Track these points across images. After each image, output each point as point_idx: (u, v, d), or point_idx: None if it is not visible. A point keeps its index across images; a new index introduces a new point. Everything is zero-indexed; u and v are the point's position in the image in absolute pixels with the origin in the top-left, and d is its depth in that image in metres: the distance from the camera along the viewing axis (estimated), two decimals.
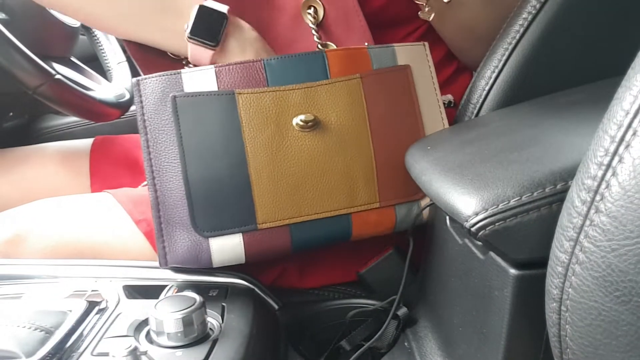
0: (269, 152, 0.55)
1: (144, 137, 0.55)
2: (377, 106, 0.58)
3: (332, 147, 0.56)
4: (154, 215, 0.55)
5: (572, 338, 0.31)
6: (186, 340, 0.45)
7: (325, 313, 0.63)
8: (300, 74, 0.56)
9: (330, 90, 0.57)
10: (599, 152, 0.29)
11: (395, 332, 0.57)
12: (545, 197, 0.37)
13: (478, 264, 0.43)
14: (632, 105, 0.27)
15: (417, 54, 0.62)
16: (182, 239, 0.54)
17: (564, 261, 0.31)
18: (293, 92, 0.56)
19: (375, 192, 0.58)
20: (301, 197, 0.55)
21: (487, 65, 0.60)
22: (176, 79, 0.55)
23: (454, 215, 0.40)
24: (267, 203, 0.54)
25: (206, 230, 0.54)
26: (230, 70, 0.55)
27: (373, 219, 0.58)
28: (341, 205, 0.56)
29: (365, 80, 0.58)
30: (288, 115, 0.55)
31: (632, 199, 0.27)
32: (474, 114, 0.61)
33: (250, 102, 0.55)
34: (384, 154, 0.58)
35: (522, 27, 0.58)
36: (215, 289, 0.55)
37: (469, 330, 0.46)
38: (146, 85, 0.55)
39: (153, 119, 0.55)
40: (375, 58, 0.59)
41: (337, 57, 0.58)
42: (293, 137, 0.55)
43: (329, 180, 0.56)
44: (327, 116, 0.56)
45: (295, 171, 0.55)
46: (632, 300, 0.28)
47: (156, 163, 0.54)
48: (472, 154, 0.46)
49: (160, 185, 0.54)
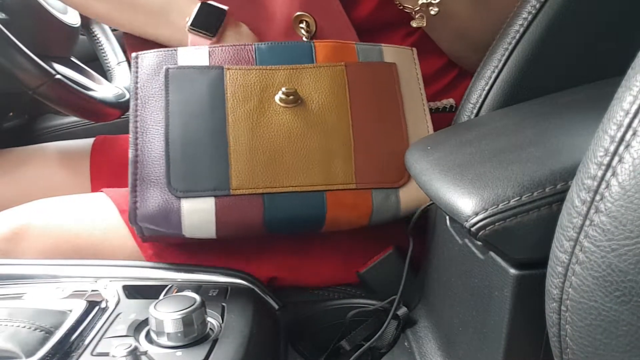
0: (249, 123, 0.57)
1: (133, 101, 0.58)
2: (359, 94, 0.59)
3: (311, 125, 0.58)
4: (130, 172, 0.56)
5: (572, 338, 0.31)
6: (186, 341, 0.45)
7: (325, 313, 0.62)
8: (288, 57, 0.59)
9: (314, 73, 0.59)
10: (598, 152, 0.29)
11: (395, 332, 0.57)
12: (545, 197, 0.37)
13: (478, 264, 0.43)
14: (632, 105, 0.27)
15: (404, 56, 0.63)
16: (154, 196, 0.55)
17: (564, 261, 0.31)
18: (278, 72, 0.59)
19: (352, 173, 0.58)
20: (277, 168, 0.56)
21: (486, 65, 0.60)
22: (172, 54, 0.59)
23: (454, 215, 0.40)
24: (243, 170, 0.56)
25: (179, 189, 0.55)
26: (223, 50, 0.59)
27: (349, 200, 0.57)
28: (316, 182, 0.57)
29: (350, 68, 0.60)
30: (271, 91, 0.58)
31: (632, 199, 0.27)
32: (473, 114, 0.61)
33: (236, 77, 0.58)
34: (363, 139, 0.58)
35: (522, 27, 0.58)
36: (215, 289, 0.55)
37: (469, 330, 0.46)
38: (143, 59, 0.59)
39: (145, 86, 0.58)
40: (361, 53, 0.61)
41: (324, 47, 0.60)
42: (274, 112, 0.57)
43: (306, 156, 0.57)
44: (309, 95, 0.58)
45: (273, 143, 0.56)
46: (632, 300, 0.28)
47: (141, 125, 0.57)
48: (471, 154, 0.46)
49: (141, 145, 0.57)
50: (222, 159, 0.55)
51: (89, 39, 1.03)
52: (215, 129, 0.56)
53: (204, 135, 0.56)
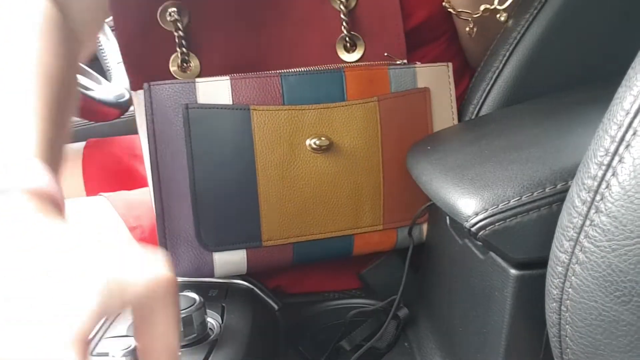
0: (279, 171, 0.54)
1: (152, 146, 0.52)
2: (391, 129, 0.57)
3: (342, 170, 0.56)
4: (158, 227, 0.53)
5: (572, 338, 0.31)
6: (186, 341, 0.45)
7: (325, 313, 0.62)
8: (317, 92, 0.55)
9: (346, 112, 0.55)
10: (599, 152, 0.29)
11: (396, 332, 0.57)
12: (545, 197, 0.37)
13: (478, 264, 0.43)
14: (633, 105, 0.27)
15: (438, 74, 0.60)
16: (186, 252, 0.54)
17: (564, 261, 0.31)
18: (308, 112, 0.54)
19: (380, 215, 0.58)
20: (307, 217, 0.55)
21: (487, 66, 0.60)
22: (190, 87, 0.52)
23: (454, 215, 0.40)
24: (273, 221, 0.54)
25: (211, 245, 0.54)
26: (246, 83, 0.53)
27: (375, 239, 0.59)
28: (345, 227, 0.57)
29: (382, 103, 0.56)
30: (302, 135, 0.54)
31: (632, 199, 0.27)
32: (474, 114, 0.61)
33: (264, 119, 0.53)
34: (392, 176, 0.57)
35: (522, 27, 0.58)
36: (215, 289, 0.55)
37: (469, 330, 0.46)
38: (157, 92, 0.52)
39: (163, 128, 0.52)
40: (394, 79, 0.57)
41: (356, 78, 0.56)
42: (305, 158, 0.54)
43: (336, 202, 0.56)
44: (340, 138, 0.55)
45: (304, 192, 0.55)
46: (632, 300, 0.28)
47: (163, 173, 0.53)
48: (472, 154, 0.46)
49: (166, 197, 0.53)
50: (252, 211, 0.54)
51: None
52: (244, 179, 0.53)
53: (233, 186, 0.53)
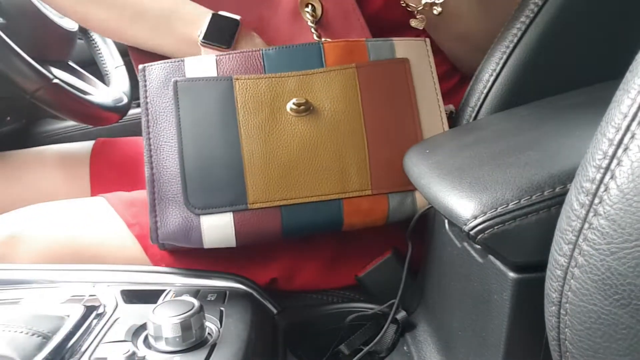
0: (262, 135, 0.56)
1: (145, 117, 0.57)
2: (372, 96, 0.58)
3: (324, 133, 0.57)
4: (148, 191, 0.56)
5: (572, 341, 0.31)
6: (184, 345, 0.45)
7: (324, 317, 0.62)
8: (297, 62, 0.58)
9: (325, 78, 0.58)
10: (597, 155, 0.29)
11: (395, 336, 0.57)
12: (544, 201, 0.37)
13: (477, 268, 0.43)
14: (630, 108, 0.27)
15: (417, 48, 0.62)
16: (174, 215, 0.56)
17: (563, 264, 0.31)
18: (288, 79, 0.58)
19: (368, 179, 0.58)
20: (293, 179, 0.56)
21: (485, 69, 0.60)
22: (179, 65, 0.58)
23: (452, 219, 0.40)
24: (259, 184, 0.56)
25: (198, 207, 0.55)
26: (230, 58, 0.58)
27: (365, 206, 0.58)
28: (333, 190, 0.57)
29: (361, 70, 0.59)
30: (282, 100, 0.57)
31: (630, 202, 0.27)
32: (472, 117, 0.61)
33: (246, 87, 0.57)
34: (377, 143, 0.58)
35: (519, 30, 0.58)
36: (214, 293, 0.55)
37: (468, 334, 0.46)
38: (151, 71, 0.58)
39: (155, 101, 0.57)
40: (372, 50, 0.60)
41: (334, 48, 0.59)
42: (286, 122, 0.57)
43: (320, 165, 0.57)
44: (321, 102, 0.57)
45: (287, 154, 0.56)
46: (631, 303, 0.27)
47: (154, 142, 0.57)
48: (470, 157, 0.46)
49: (156, 163, 0.56)
50: (237, 174, 0.56)
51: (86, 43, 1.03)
52: (229, 143, 0.56)
53: (217, 150, 0.56)
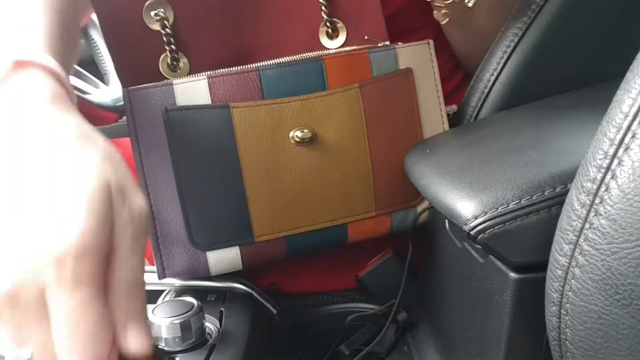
0: (265, 167, 0.54)
1: (137, 152, 0.53)
2: (375, 116, 0.57)
3: (329, 160, 0.55)
4: (150, 231, 0.54)
5: (572, 342, 0.31)
6: (184, 346, 0.45)
7: (324, 317, 0.62)
8: (297, 84, 0.54)
9: (327, 102, 0.55)
10: (598, 155, 0.29)
11: (395, 337, 0.57)
12: (544, 201, 0.37)
13: (477, 268, 0.43)
14: (631, 107, 0.27)
15: (420, 54, 0.59)
16: (180, 253, 0.54)
17: (564, 264, 0.31)
18: (289, 104, 0.54)
19: (372, 202, 0.57)
20: (298, 210, 0.55)
21: (485, 68, 0.60)
22: (168, 90, 0.52)
23: (453, 219, 0.40)
24: (264, 217, 0.54)
25: (204, 245, 0.54)
26: (224, 80, 0.53)
27: (369, 226, 0.58)
28: (337, 216, 0.56)
29: (364, 89, 0.56)
30: (284, 128, 0.54)
31: (631, 202, 0.27)
32: (472, 117, 0.61)
33: (245, 116, 0.53)
34: (380, 162, 0.57)
35: (520, 30, 0.58)
36: (214, 293, 0.55)
37: (468, 334, 0.46)
38: (136, 97, 0.52)
39: (145, 134, 0.53)
40: (375, 63, 0.57)
41: (336, 65, 0.56)
42: (289, 151, 0.54)
43: (325, 193, 0.56)
44: (324, 129, 0.55)
45: (291, 185, 0.54)
46: (632, 303, 0.27)
47: (150, 179, 0.53)
48: (471, 157, 0.46)
49: (155, 201, 0.53)
50: (241, 209, 0.53)
51: (86, 42, 1.03)
52: (230, 177, 0.53)
53: (219, 185, 0.53)
